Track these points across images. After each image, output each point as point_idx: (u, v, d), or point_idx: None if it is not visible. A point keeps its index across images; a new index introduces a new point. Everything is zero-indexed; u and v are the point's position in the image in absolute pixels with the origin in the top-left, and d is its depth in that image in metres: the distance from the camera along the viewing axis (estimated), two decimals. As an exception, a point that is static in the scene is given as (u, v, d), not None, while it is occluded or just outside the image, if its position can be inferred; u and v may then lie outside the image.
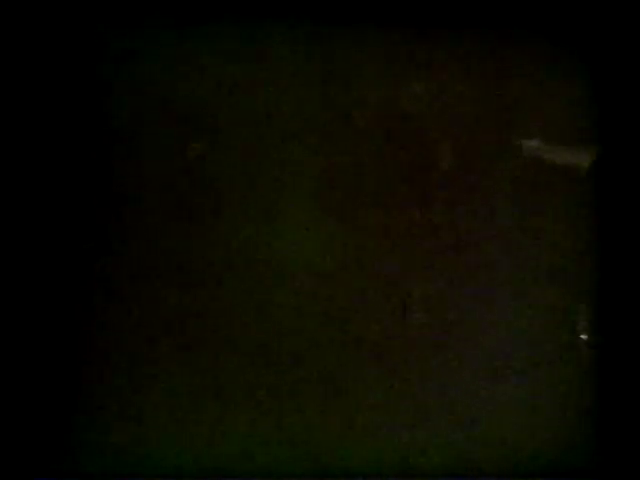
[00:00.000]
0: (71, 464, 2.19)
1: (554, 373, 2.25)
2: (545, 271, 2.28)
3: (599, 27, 2.32)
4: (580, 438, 2.23)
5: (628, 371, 2.21)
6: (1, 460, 2.15)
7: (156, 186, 2.26)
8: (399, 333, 2.24)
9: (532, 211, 2.29)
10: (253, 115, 2.29)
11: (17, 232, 2.21)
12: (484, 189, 2.29)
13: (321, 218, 2.27)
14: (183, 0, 2.28)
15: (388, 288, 2.26)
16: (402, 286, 2.26)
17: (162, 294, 2.23)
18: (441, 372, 2.24)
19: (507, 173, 2.30)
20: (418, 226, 2.28)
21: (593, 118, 2.31)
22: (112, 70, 2.28)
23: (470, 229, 2.28)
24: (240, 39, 2.30)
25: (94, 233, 2.24)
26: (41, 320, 2.21)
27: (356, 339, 2.24)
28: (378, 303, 2.26)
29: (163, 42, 2.29)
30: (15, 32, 2.24)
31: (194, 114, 2.28)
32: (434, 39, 2.31)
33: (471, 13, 2.31)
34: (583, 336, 2.25)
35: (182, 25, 2.29)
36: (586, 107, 2.32)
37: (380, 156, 2.29)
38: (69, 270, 2.22)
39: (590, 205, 2.29)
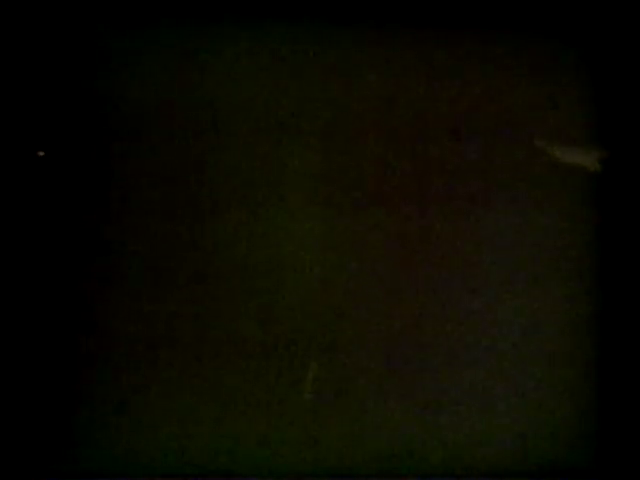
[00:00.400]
0: (71, 464, 2.19)
1: (554, 373, 2.25)
2: (546, 271, 2.28)
3: (600, 27, 2.32)
4: (580, 438, 2.23)
5: (628, 371, 2.21)
6: (1, 461, 2.15)
7: (157, 185, 2.25)
8: (400, 332, 2.24)
9: (533, 210, 2.29)
10: (254, 115, 2.29)
11: (16, 233, 2.21)
12: (485, 189, 2.29)
13: (323, 217, 2.27)
14: (184, 0, 2.28)
15: (389, 287, 2.26)
16: (401, 287, 2.26)
17: (162, 293, 2.23)
18: (441, 372, 2.24)
19: (508, 173, 2.30)
20: (419, 225, 2.28)
21: (594, 118, 2.31)
22: (111, 70, 2.28)
23: (470, 228, 2.28)
24: (240, 39, 2.30)
25: (95, 233, 2.24)
26: (40, 321, 2.21)
27: (357, 339, 2.24)
28: (379, 302, 2.25)
29: (163, 42, 2.29)
30: (16, 32, 2.24)
31: (195, 114, 2.28)
32: (434, 39, 2.31)
33: (473, 13, 2.31)
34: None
35: (182, 25, 2.29)
36: (587, 107, 2.32)
37: (381, 155, 2.29)
38: (70, 271, 2.22)
39: (592, 204, 2.29)
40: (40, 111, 2.24)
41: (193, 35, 2.28)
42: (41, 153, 1.72)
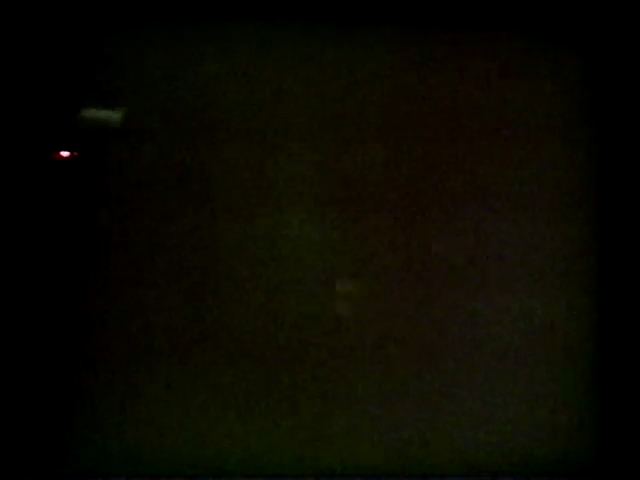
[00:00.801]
0: (71, 464, 2.19)
1: (555, 373, 2.25)
2: (546, 272, 2.28)
3: (599, 27, 2.32)
4: (580, 438, 2.23)
5: (628, 371, 2.21)
6: (1, 461, 2.16)
7: (158, 186, 2.26)
8: (402, 333, 2.25)
9: (533, 209, 2.29)
10: (255, 115, 2.29)
11: (16, 233, 2.22)
12: (485, 189, 2.29)
13: (323, 219, 2.28)
14: (185, 1, 2.29)
15: (391, 289, 2.26)
16: (403, 289, 2.27)
17: (162, 295, 2.23)
18: (442, 372, 2.24)
19: (508, 173, 2.30)
20: (418, 227, 2.28)
21: (593, 117, 2.32)
22: (111, 70, 2.28)
23: (470, 228, 2.28)
24: (240, 39, 2.30)
25: (95, 234, 2.24)
26: (41, 323, 2.21)
27: (361, 340, 2.24)
28: (381, 303, 2.26)
29: (164, 42, 2.29)
30: (16, 33, 2.24)
31: (198, 114, 2.28)
32: (435, 40, 2.32)
33: (475, 14, 2.31)
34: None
35: (183, 25, 2.29)
36: (586, 106, 2.32)
37: (380, 156, 2.29)
38: (72, 273, 2.23)
39: (591, 203, 2.29)
40: (39, 111, 2.25)
41: (193, 35, 2.29)
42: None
